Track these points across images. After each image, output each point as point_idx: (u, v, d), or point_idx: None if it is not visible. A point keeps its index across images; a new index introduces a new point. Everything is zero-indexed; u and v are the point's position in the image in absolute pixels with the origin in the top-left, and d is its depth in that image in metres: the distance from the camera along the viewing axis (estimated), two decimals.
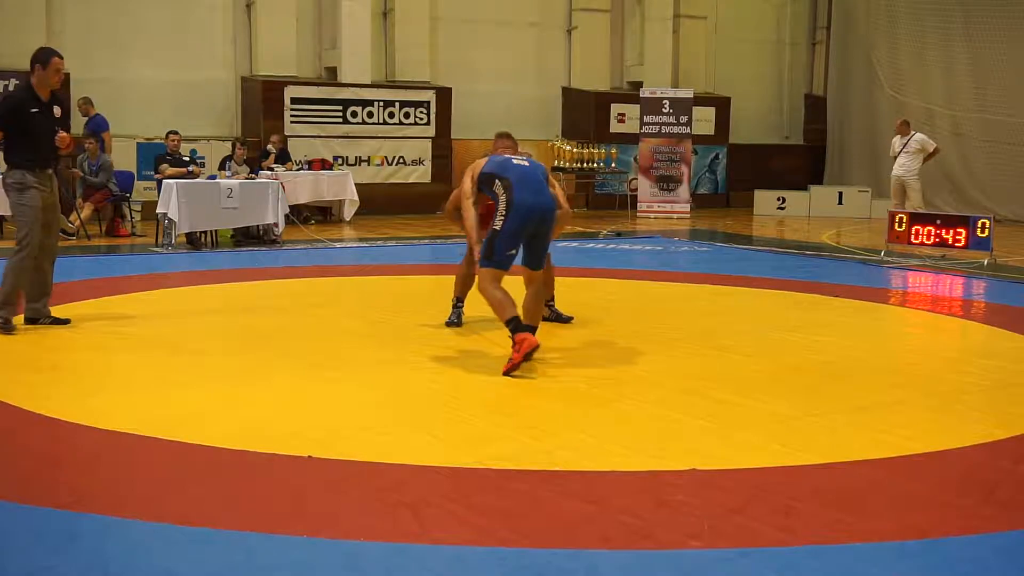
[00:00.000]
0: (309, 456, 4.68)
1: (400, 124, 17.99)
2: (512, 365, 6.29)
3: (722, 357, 7.11)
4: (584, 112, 20.34)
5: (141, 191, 15.46)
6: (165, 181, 13.07)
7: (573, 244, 13.91)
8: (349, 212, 16.22)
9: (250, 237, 13.74)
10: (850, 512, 4.13)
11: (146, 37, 16.64)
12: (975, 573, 3.67)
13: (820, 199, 20.29)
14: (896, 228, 12.78)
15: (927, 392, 6.22)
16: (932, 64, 20.26)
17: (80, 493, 4.23)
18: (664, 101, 19.26)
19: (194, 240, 13.01)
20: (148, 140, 16.01)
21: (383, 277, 10.90)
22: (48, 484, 4.36)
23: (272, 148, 15.72)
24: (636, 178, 19.71)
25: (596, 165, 19.05)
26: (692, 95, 19.50)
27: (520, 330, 6.35)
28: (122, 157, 15.32)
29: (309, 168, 16.11)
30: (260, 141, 16.25)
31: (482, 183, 6.74)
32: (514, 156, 6.88)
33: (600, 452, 4.86)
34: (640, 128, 19.40)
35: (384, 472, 4.53)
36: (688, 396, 5.94)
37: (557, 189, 7.03)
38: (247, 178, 13.64)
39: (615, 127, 20.33)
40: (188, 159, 14.42)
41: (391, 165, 17.96)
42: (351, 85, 17.60)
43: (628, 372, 6.59)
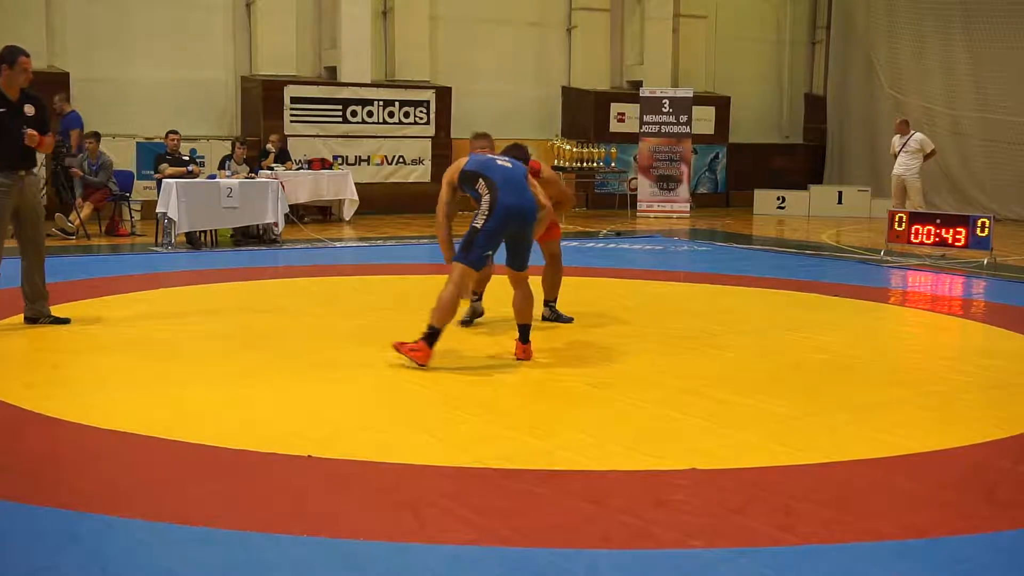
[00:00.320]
0: (309, 456, 4.69)
1: (400, 123, 17.98)
2: (400, 345, 6.42)
3: (722, 357, 7.12)
4: (584, 111, 20.33)
5: (141, 190, 15.45)
6: (165, 180, 13.06)
7: (573, 244, 13.90)
8: (349, 211, 16.21)
9: (250, 236, 13.73)
10: (850, 512, 4.13)
11: (146, 37, 16.63)
12: (975, 572, 3.67)
13: (820, 198, 20.28)
14: (896, 227, 12.78)
15: (927, 392, 6.22)
16: (932, 63, 20.27)
17: (80, 493, 4.23)
18: (664, 101, 19.25)
19: (194, 239, 13.00)
20: (148, 140, 16.00)
21: (383, 277, 10.90)
22: (48, 484, 4.36)
23: (271, 148, 15.72)
24: (636, 177, 19.71)
25: (596, 164, 19.05)
26: (692, 95, 19.49)
27: (428, 341, 6.37)
28: (122, 157, 15.31)
29: (309, 167, 16.10)
30: (260, 140, 16.23)
31: (464, 181, 6.68)
32: (496, 156, 6.82)
33: (600, 452, 4.86)
34: (640, 128, 19.39)
35: (384, 472, 4.53)
36: (688, 396, 5.94)
37: (537, 189, 6.94)
38: (247, 177, 13.64)
39: (615, 126, 20.32)
40: (188, 158, 14.41)
41: (391, 164, 17.95)
42: (351, 84, 17.59)
43: (628, 372, 6.59)
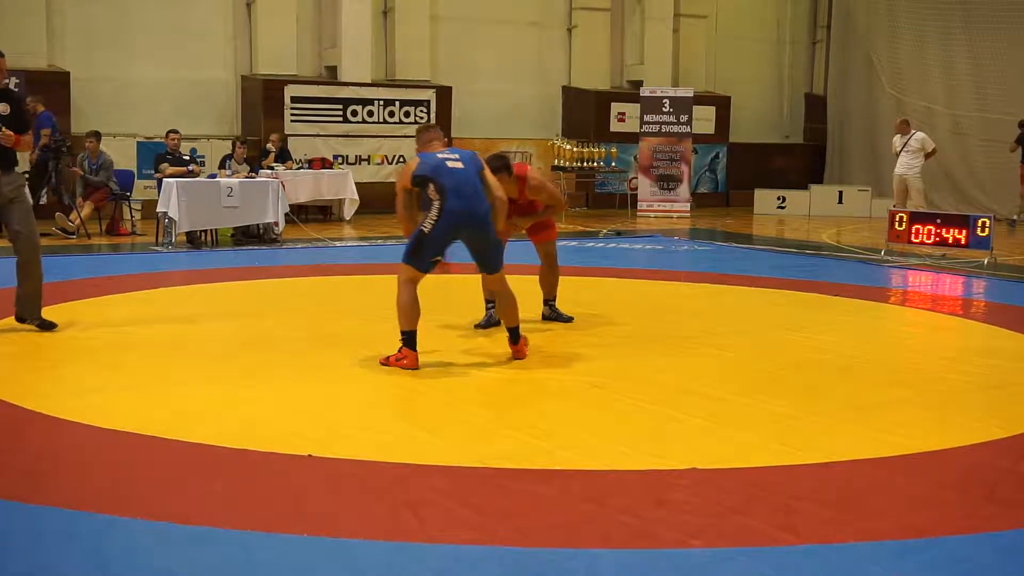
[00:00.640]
0: (309, 455, 4.68)
1: (400, 123, 17.97)
2: (386, 362, 6.46)
3: (722, 357, 7.11)
4: (584, 111, 20.33)
5: (141, 190, 15.44)
6: (165, 180, 13.07)
7: (573, 243, 13.90)
8: (349, 211, 16.21)
9: (250, 236, 13.74)
10: (850, 512, 4.13)
11: (146, 36, 16.62)
12: (975, 572, 3.67)
13: (820, 198, 20.27)
14: (896, 227, 12.78)
15: (927, 392, 6.22)
16: (932, 63, 20.26)
17: (80, 493, 4.23)
18: (664, 100, 19.25)
19: (194, 239, 13.01)
20: (148, 139, 15.99)
21: (384, 276, 10.89)
22: (48, 484, 4.36)
23: (272, 147, 15.72)
24: (636, 177, 19.70)
25: (596, 164, 19.03)
26: (692, 94, 19.49)
27: (408, 346, 6.40)
28: (122, 156, 15.31)
29: (309, 167, 16.10)
30: (260, 140, 16.24)
31: (416, 185, 6.55)
32: (447, 155, 6.59)
33: (600, 452, 4.86)
34: (640, 127, 19.38)
35: (384, 472, 4.53)
36: (688, 396, 5.93)
37: (491, 183, 6.69)
38: (247, 177, 13.64)
39: (615, 126, 20.32)
40: (188, 158, 14.41)
41: (391, 164, 17.94)
42: (351, 84, 17.59)
43: (628, 372, 6.59)
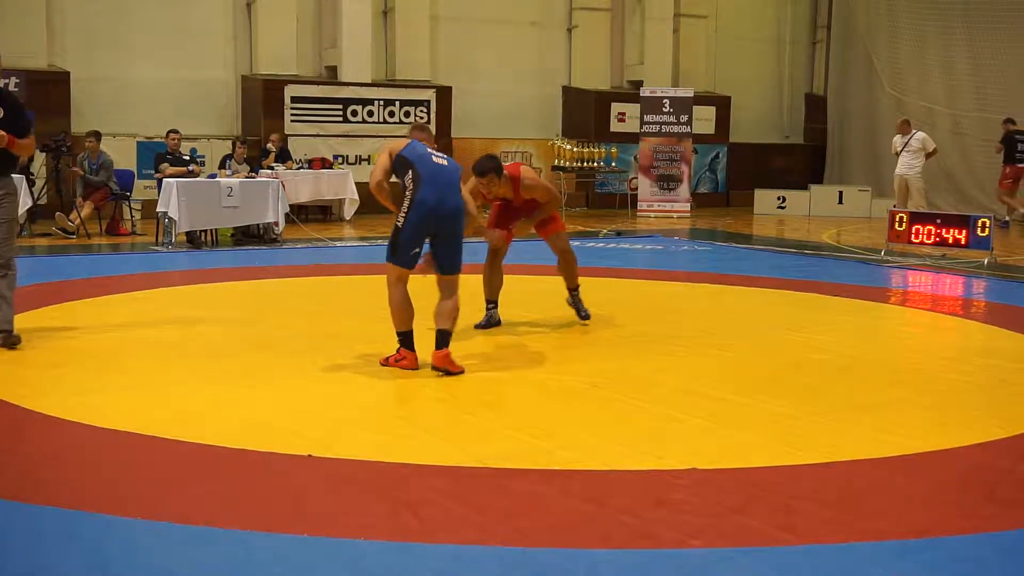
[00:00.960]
0: (309, 455, 4.68)
1: (400, 123, 17.95)
2: (386, 362, 6.46)
3: (722, 357, 7.11)
4: (584, 111, 20.33)
5: (141, 190, 15.44)
6: (165, 180, 13.07)
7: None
8: (349, 211, 16.21)
9: (250, 236, 13.74)
10: (850, 512, 4.13)
11: (146, 36, 16.63)
12: (975, 572, 3.67)
13: (820, 198, 20.27)
14: (896, 227, 12.78)
15: (927, 392, 6.22)
16: (932, 63, 20.26)
17: (80, 493, 4.23)
18: (664, 100, 19.25)
19: (194, 239, 13.00)
20: (148, 139, 16.00)
21: (383, 276, 10.87)
22: (48, 484, 4.36)
23: (272, 147, 15.71)
24: (636, 177, 19.70)
25: (596, 164, 19.03)
26: (692, 94, 19.49)
27: (406, 347, 6.41)
28: (122, 156, 15.31)
29: (309, 167, 16.10)
30: (260, 140, 16.24)
31: (398, 166, 6.47)
32: (435, 152, 6.56)
33: (600, 452, 4.86)
34: (640, 127, 19.39)
35: (384, 472, 4.53)
36: (688, 396, 5.94)
37: (465, 193, 6.70)
38: (247, 177, 13.64)
39: (615, 126, 20.32)
40: (188, 158, 14.40)
41: None
42: (351, 84, 17.59)
43: (628, 372, 6.59)
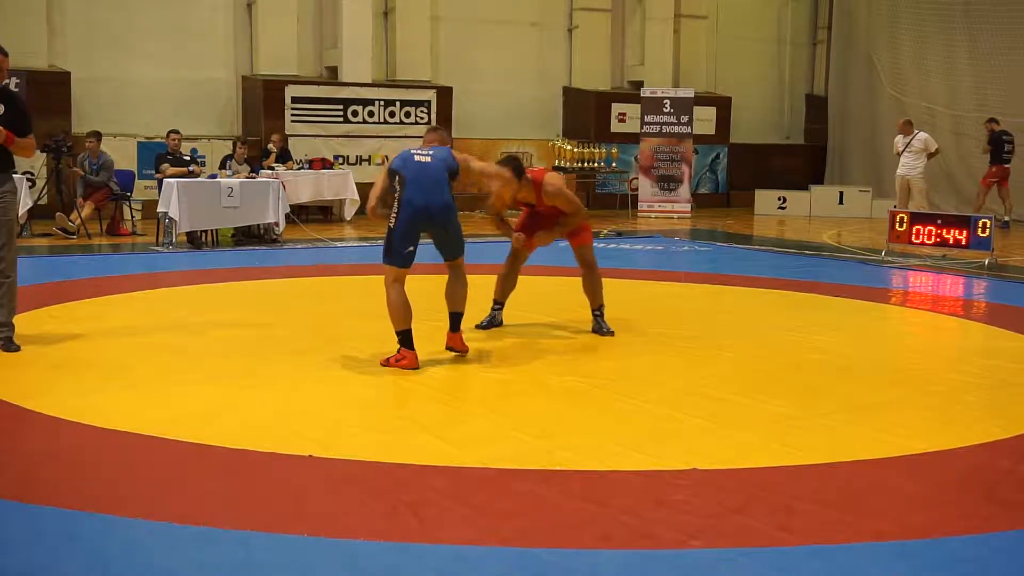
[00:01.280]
0: (309, 456, 4.69)
1: (401, 123, 17.98)
2: (386, 363, 6.47)
3: (722, 357, 7.11)
4: (585, 112, 20.33)
5: (142, 190, 15.45)
6: (166, 180, 13.06)
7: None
8: (350, 211, 16.20)
9: (251, 236, 13.74)
10: (851, 512, 4.13)
11: (147, 36, 16.64)
12: (976, 573, 3.66)
13: (821, 199, 20.26)
14: (897, 228, 12.78)
15: (927, 392, 6.22)
16: (933, 64, 20.25)
17: (80, 493, 4.23)
18: (665, 101, 19.25)
19: (195, 239, 13.01)
20: (149, 139, 16.01)
21: (383, 277, 10.89)
22: (48, 484, 4.35)
23: (273, 147, 15.72)
24: (637, 178, 19.70)
25: (597, 165, 19.03)
26: (693, 95, 19.49)
27: (405, 346, 6.46)
28: (123, 156, 15.32)
29: (310, 167, 16.10)
30: (261, 140, 16.24)
31: (391, 177, 6.65)
32: (421, 150, 6.70)
33: (600, 452, 4.86)
34: (641, 128, 19.38)
35: (384, 472, 4.53)
36: (688, 396, 5.94)
37: (475, 166, 6.85)
38: (248, 177, 13.64)
39: (616, 127, 20.33)
40: (189, 158, 14.40)
41: None
42: (352, 84, 17.60)
43: (628, 372, 6.59)
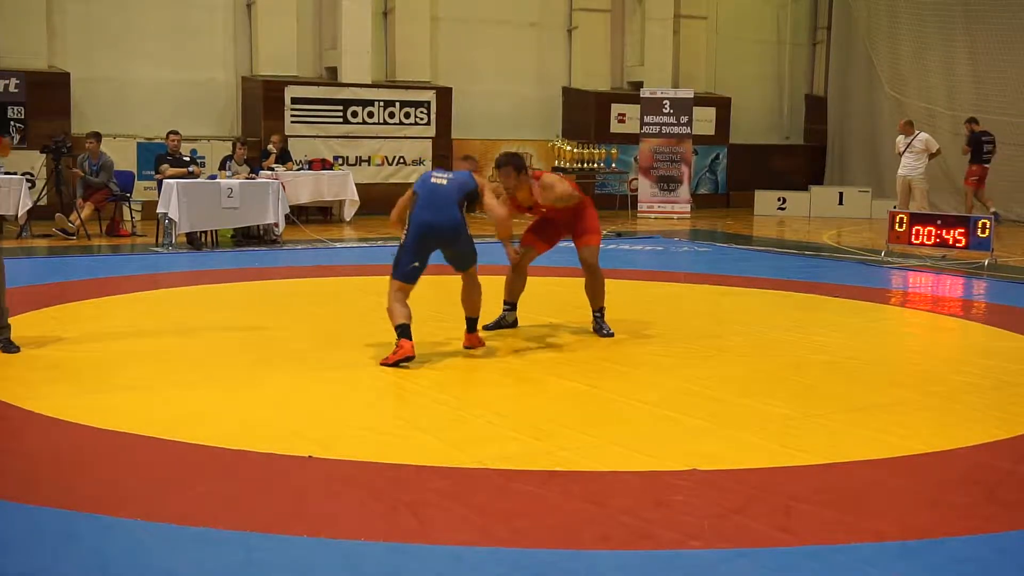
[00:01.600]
0: (309, 456, 4.69)
1: (400, 124, 17.97)
2: (386, 361, 6.55)
3: (722, 357, 7.12)
4: (584, 112, 20.32)
5: (141, 191, 15.43)
6: (165, 181, 13.06)
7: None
8: (349, 212, 16.20)
9: (250, 237, 13.73)
10: (850, 513, 4.13)
11: (146, 37, 16.62)
12: (976, 573, 3.67)
13: (820, 199, 20.26)
14: (896, 228, 12.78)
15: (927, 392, 6.22)
16: (932, 64, 20.25)
17: (80, 493, 4.23)
18: (664, 101, 19.24)
19: (194, 240, 13.00)
20: (148, 140, 15.99)
21: (383, 277, 10.87)
22: (48, 484, 4.35)
23: (272, 148, 15.71)
24: (636, 178, 19.70)
25: (596, 165, 19.03)
26: (692, 95, 19.48)
27: (402, 335, 6.56)
28: (122, 157, 15.30)
29: (309, 168, 16.09)
30: (260, 141, 16.23)
31: (414, 195, 7.01)
32: (440, 173, 7.09)
33: (600, 452, 4.86)
34: (640, 128, 19.38)
35: (384, 472, 4.53)
36: (688, 397, 5.94)
37: (487, 202, 7.09)
38: (247, 178, 13.63)
39: (615, 127, 20.31)
40: (188, 159, 14.39)
41: (391, 165, 17.94)
42: (351, 85, 17.59)
43: (628, 372, 6.60)
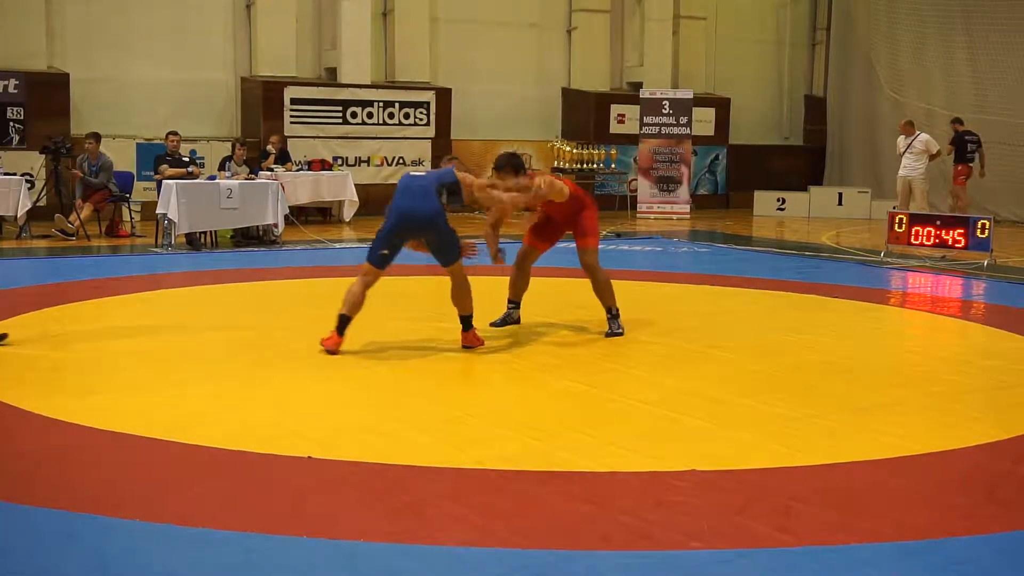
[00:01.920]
0: (309, 456, 4.68)
1: (400, 124, 17.97)
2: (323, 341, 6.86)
3: (722, 357, 7.11)
4: (584, 113, 20.33)
5: (141, 191, 15.43)
6: (165, 181, 13.06)
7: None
8: (349, 213, 16.20)
9: (250, 238, 13.73)
10: (850, 512, 4.13)
11: (146, 37, 16.63)
12: (975, 573, 3.66)
13: (820, 200, 20.27)
14: (896, 229, 12.79)
15: (927, 392, 6.22)
16: (932, 65, 20.27)
17: (80, 494, 4.23)
18: (664, 102, 19.25)
19: (194, 240, 13.00)
20: (148, 140, 16.00)
21: (383, 278, 10.88)
22: (48, 484, 4.35)
23: (271, 149, 15.71)
24: (636, 179, 19.71)
25: (596, 166, 19.04)
26: (692, 96, 19.50)
27: (338, 329, 6.84)
28: (122, 157, 15.29)
29: (309, 169, 16.10)
30: (260, 141, 16.23)
31: None
32: (418, 171, 7.40)
33: (600, 452, 4.86)
34: (640, 129, 19.39)
35: (384, 472, 4.53)
36: (688, 396, 5.94)
37: (466, 180, 7.27)
38: (247, 179, 13.63)
39: (615, 128, 20.32)
40: (188, 159, 14.39)
41: (391, 166, 17.94)
42: (351, 86, 17.59)
43: (628, 372, 6.60)
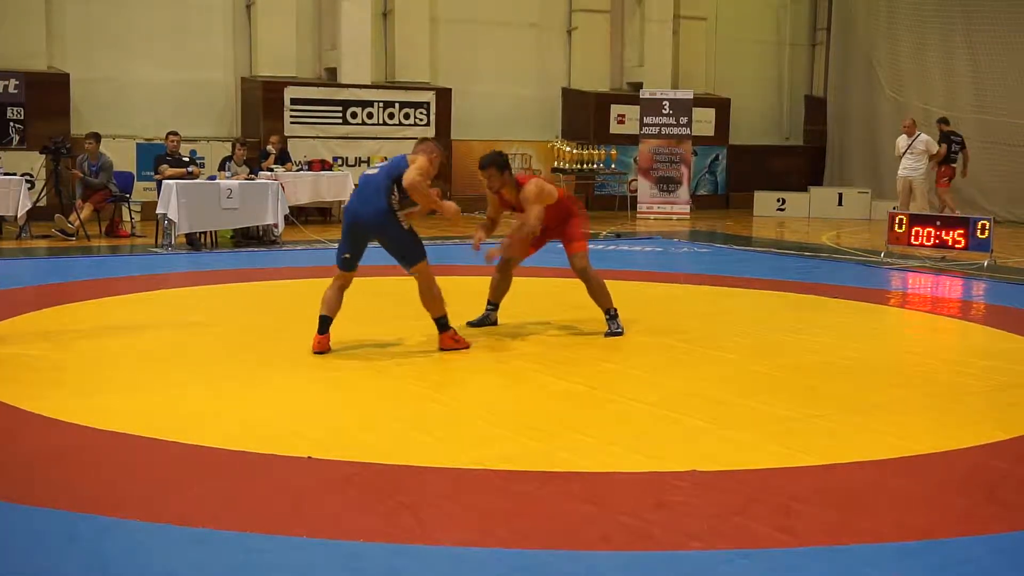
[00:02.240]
0: (309, 456, 4.69)
1: (400, 125, 17.98)
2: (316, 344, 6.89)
3: (722, 358, 7.11)
4: (584, 113, 20.34)
5: (141, 192, 15.43)
6: (165, 182, 13.06)
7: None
8: None
9: (250, 238, 13.74)
10: (850, 512, 4.13)
11: (146, 37, 16.64)
12: (975, 573, 3.67)
13: (820, 200, 20.28)
14: (896, 229, 12.79)
15: (927, 392, 6.22)
16: (932, 65, 20.27)
17: (80, 494, 4.23)
18: (664, 102, 19.25)
19: (194, 241, 13.00)
20: (148, 140, 16.00)
21: (382, 278, 10.89)
22: (48, 484, 4.35)
23: (271, 149, 15.71)
24: (636, 179, 19.71)
25: (596, 166, 19.05)
26: (692, 96, 19.49)
27: (319, 329, 6.88)
28: (122, 158, 15.29)
29: (309, 169, 16.09)
30: (260, 142, 16.22)
31: None
32: (380, 164, 7.13)
33: (600, 452, 4.86)
34: (640, 129, 19.39)
35: (384, 473, 4.53)
36: (688, 396, 5.94)
37: (411, 171, 6.62)
38: (247, 179, 13.63)
39: (615, 128, 20.32)
40: (188, 160, 14.38)
41: None
42: (351, 86, 17.59)
43: (628, 373, 6.60)
